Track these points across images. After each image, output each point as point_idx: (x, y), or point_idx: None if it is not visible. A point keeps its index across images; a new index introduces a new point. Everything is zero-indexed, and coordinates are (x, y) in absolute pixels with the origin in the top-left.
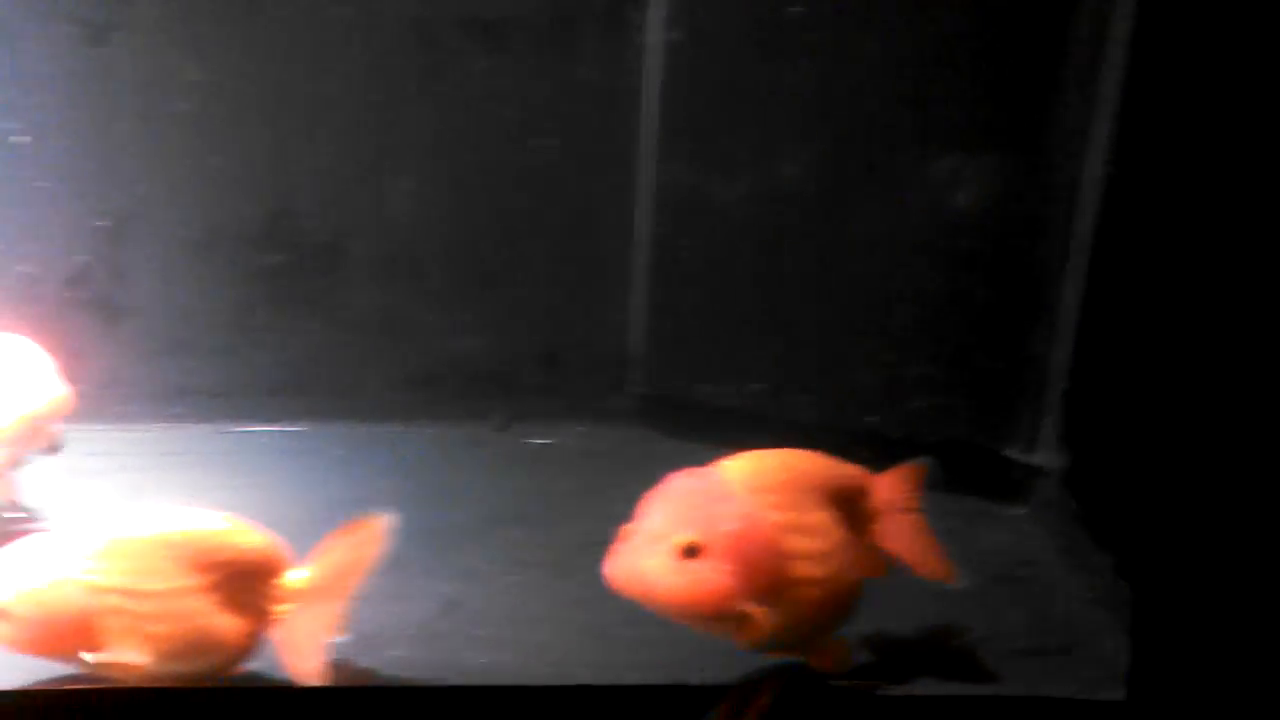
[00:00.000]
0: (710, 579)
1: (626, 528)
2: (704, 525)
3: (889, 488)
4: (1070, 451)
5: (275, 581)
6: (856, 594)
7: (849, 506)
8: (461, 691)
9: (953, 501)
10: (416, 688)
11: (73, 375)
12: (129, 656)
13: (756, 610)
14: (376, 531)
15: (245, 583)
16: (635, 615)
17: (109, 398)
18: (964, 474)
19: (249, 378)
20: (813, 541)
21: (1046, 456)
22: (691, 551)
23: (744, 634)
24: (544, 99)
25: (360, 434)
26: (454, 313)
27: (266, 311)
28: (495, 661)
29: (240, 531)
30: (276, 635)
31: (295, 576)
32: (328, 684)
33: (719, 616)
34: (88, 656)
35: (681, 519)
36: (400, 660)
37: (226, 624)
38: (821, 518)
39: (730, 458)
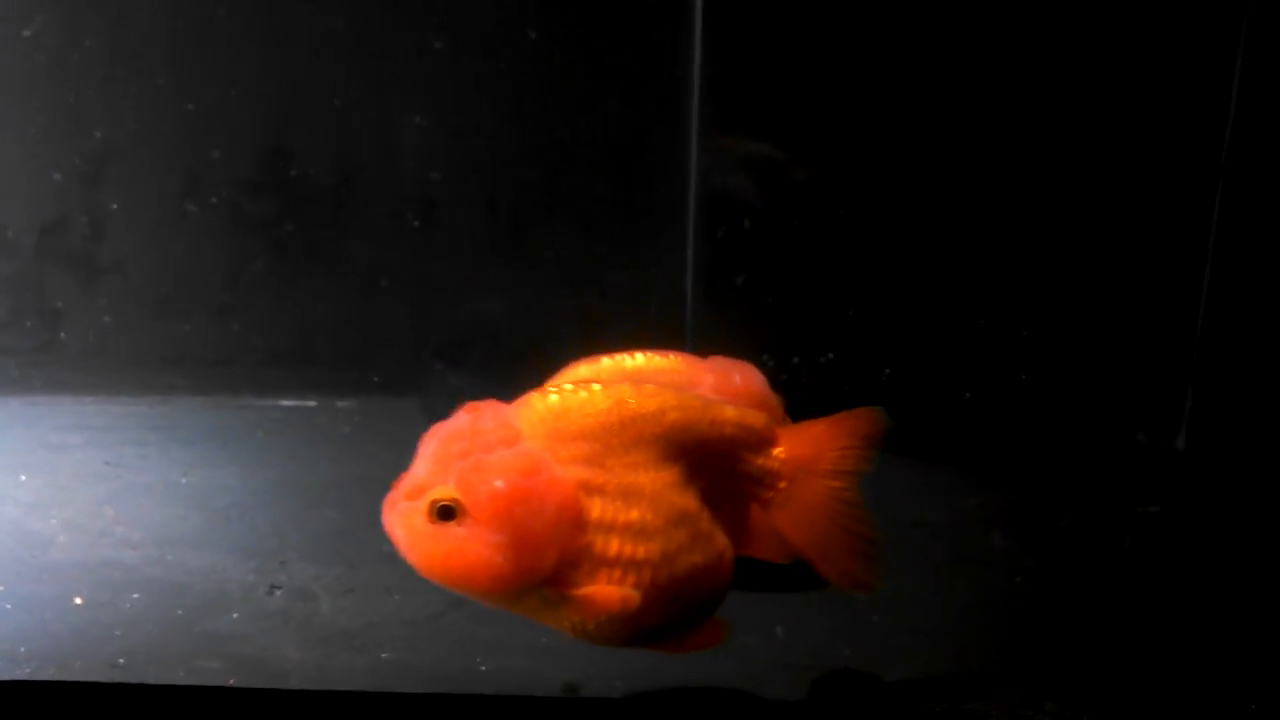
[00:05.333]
0: (468, 550)
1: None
2: (467, 480)
3: (804, 445)
4: (1209, 437)
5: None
6: (713, 584)
7: (724, 466)
8: (457, 701)
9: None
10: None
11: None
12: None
13: (561, 592)
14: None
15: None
16: None
17: (91, 367)
18: (1085, 461)
19: (247, 344)
20: (635, 510)
21: (1183, 444)
22: (446, 512)
23: (555, 622)
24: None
25: (373, 409)
26: (479, 270)
27: (264, 267)
28: (500, 667)
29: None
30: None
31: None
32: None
33: (492, 597)
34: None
35: (443, 470)
36: (392, 663)
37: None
38: (659, 478)
39: (543, 388)
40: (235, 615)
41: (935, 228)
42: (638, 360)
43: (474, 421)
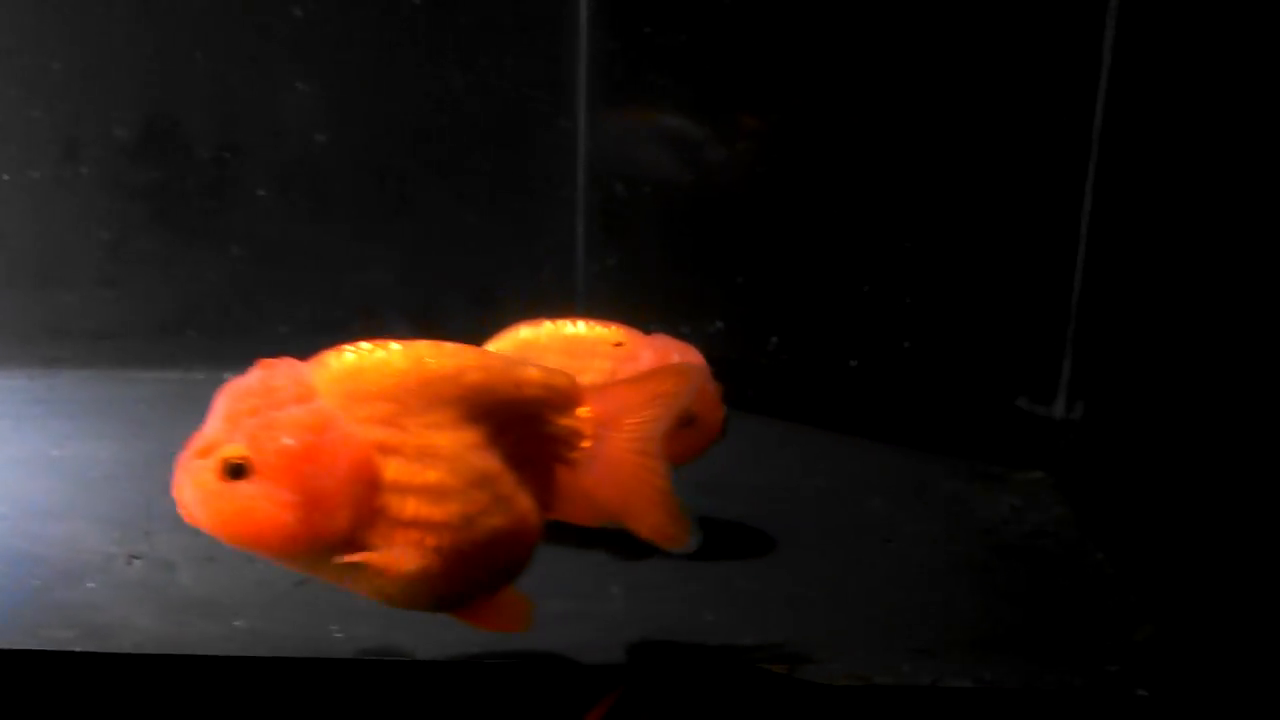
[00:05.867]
0: (257, 508)
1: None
2: (256, 437)
3: (609, 405)
4: (1088, 402)
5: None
6: (515, 547)
7: (528, 428)
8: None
9: (957, 462)
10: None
11: None
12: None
13: (360, 557)
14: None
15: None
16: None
17: None
18: (970, 429)
19: (132, 316)
20: (433, 471)
21: (1063, 408)
22: (236, 470)
23: (357, 586)
24: None
25: None
26: (367, 239)
27: (147, 237)
28: (351, 636)
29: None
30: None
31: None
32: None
33: (287, 558)
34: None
35: (233, 427)
36: (245, 631)
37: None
38: (459, 439)
39: (338, 347)
40: (92, 585)
41: (820, 196)
42: (579, 328)
43: (266, 379)
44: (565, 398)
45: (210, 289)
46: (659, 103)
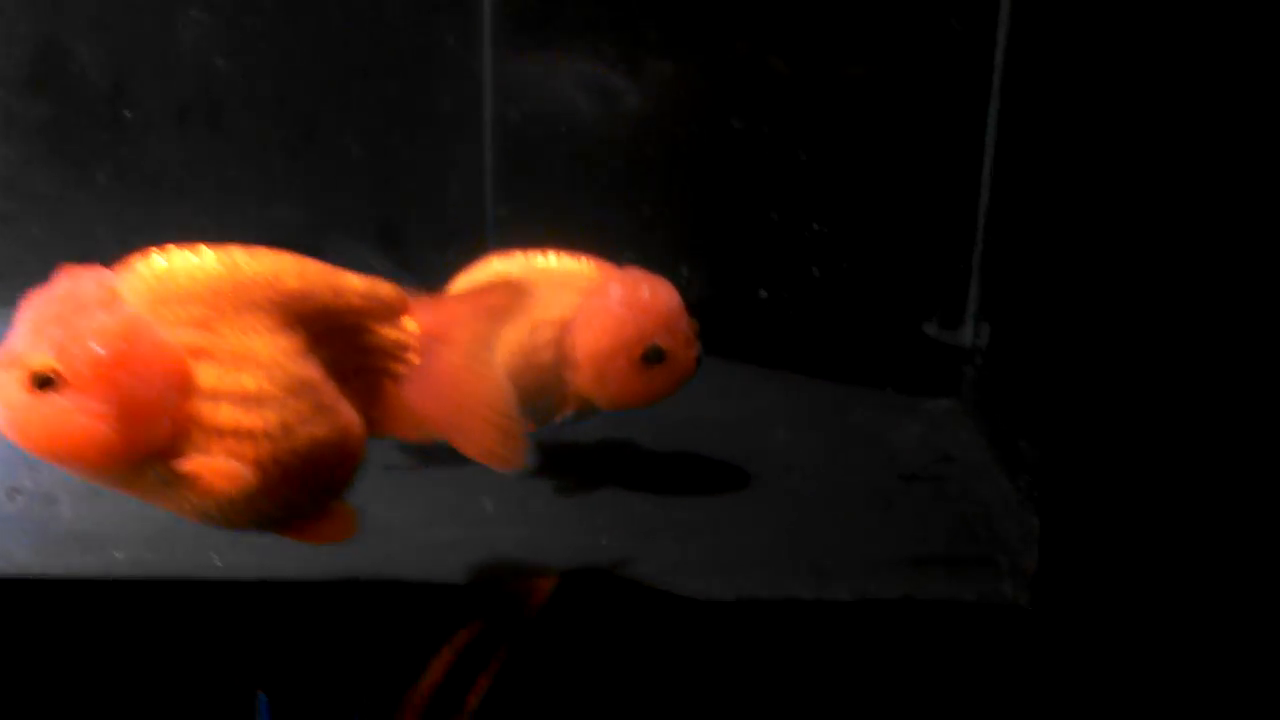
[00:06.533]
0: (70, 420)
1: None
2: (63, 346)
3: (438, 318)
4: (995, 327)
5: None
6: (338, 460)
7: (351, 339)
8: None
9: (867, 392)
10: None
11: None
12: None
13: (173, 467)
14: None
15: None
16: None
17: None
18: (880, 358)
19: (30, 254)
20: (249, 377)
21: (970, 333)
22: (44, 381)
23: (176, 505)
24: None
25: None
26: (270, 173)
27: (43, 172)
28: (232, 564)
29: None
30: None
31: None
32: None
33: (104, 474)
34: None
35: (38, 337)
36: (123, 561)
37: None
38: (276, 345)
39: (145, 251)
40: None
41: (726, 126)
42: (549, 259)
43: (71, 286)
44: (390, 308)
45: (107, 225)
46: (565, 39)
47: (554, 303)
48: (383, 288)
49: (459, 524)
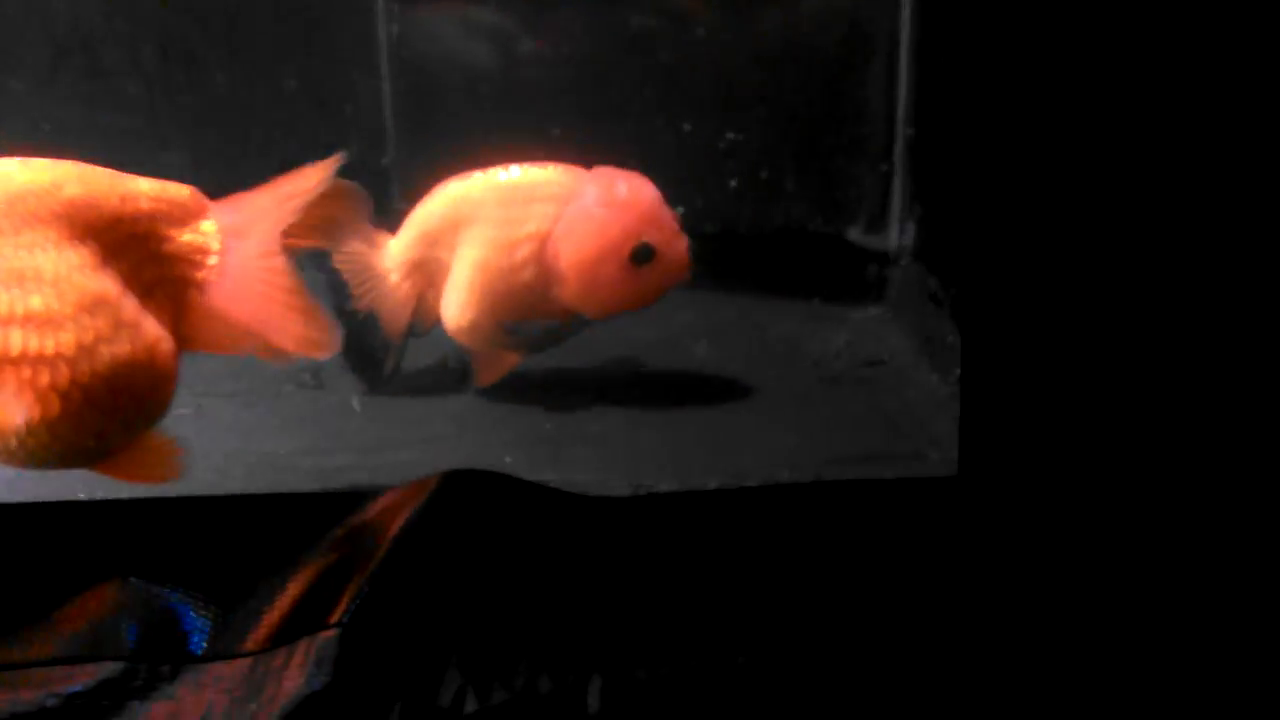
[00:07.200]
0: None
1: None
2: None
3: (236, 215)
4: (923, 229)
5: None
6: (147, 380)
7: (147, 247)
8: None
9: (793, 304)
10: None
11: None
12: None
13: None
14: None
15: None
16: None
17: None
18: (804, 266)
19: None
20: (36, 297)
21: (895, 238)
22: None
23: None
24: None
25: None
26: (154, 120)
27: None
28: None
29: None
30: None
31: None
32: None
33: None
34: None
35: None
36: None
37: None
38: (63, 260)
39: None
40: None
41: (639, 39)
42: (512, 173)
43: None
44: (185, 210)
45: None
46: None
47: (526, 216)
48: (175, 189)
49: (353, 450)
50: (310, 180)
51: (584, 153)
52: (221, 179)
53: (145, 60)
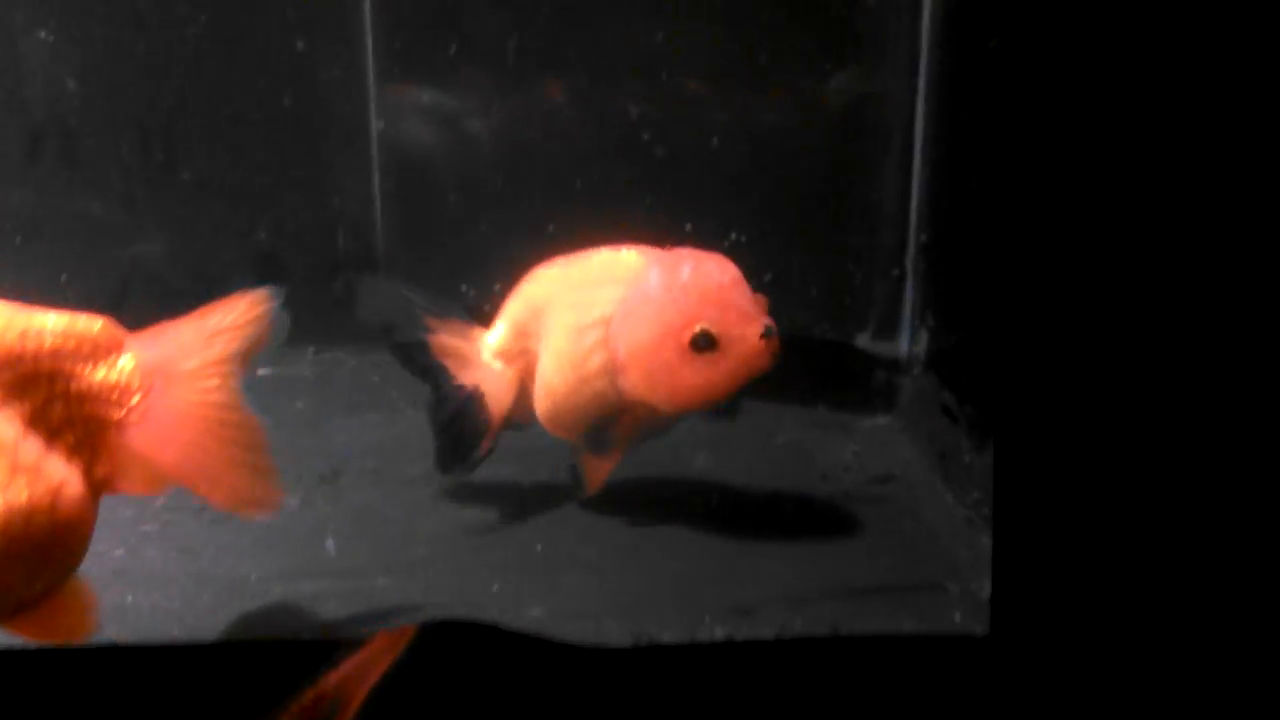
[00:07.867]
0: None
1: None
2: None
3: (162, 348)
4: (934, 335)
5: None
6: (50, 529)
7: (53, 385)
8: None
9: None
10: None
11: None
12: None
13: None
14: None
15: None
16: None
17: None
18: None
19: None
20: None
21: (906, 346)
22: None
23: None
24: None
25: None
26: (132, 206)
27: None
28: None
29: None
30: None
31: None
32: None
33: None
34: None
35: None
36: None
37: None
38: None
39: None
40: None
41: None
42: (588, 256)
43: None
44: (96, 346)
45: None
46: (447, 70)
47: (596, 300)
48: (84, 323)
49: (327, 575)
50: (243, 312)
51: (566, 234)
52: (198, 270)
53: (122, 144)
